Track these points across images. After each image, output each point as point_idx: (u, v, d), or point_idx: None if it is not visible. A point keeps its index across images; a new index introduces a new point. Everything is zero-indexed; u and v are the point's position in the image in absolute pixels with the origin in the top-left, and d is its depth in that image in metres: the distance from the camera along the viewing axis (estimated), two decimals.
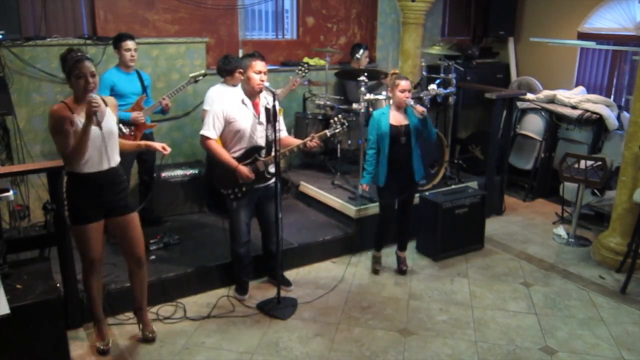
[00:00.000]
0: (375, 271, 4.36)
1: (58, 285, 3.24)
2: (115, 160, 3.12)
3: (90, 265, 3.19)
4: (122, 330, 3.53)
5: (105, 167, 3.06)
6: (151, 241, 4.17)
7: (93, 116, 2.85)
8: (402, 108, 4.05)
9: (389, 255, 4.64)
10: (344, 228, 4.73)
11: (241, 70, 3.61)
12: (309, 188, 5.31)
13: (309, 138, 3.65)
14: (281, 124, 3.78)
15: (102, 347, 3.27)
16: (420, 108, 3.93)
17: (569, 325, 3.67)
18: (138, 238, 3.28)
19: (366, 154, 4.09)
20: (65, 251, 3.33)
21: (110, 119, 3.07)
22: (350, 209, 4.68)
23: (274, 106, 3.48)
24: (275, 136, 3.50)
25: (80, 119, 2.90)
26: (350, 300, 3.96)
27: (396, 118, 4.04)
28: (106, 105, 3.08)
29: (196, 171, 5.04)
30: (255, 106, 3.64)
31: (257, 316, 3.72)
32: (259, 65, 3.54)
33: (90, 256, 3.15)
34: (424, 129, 4.07)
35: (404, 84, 3.97)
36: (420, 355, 3.34)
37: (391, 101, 4.11)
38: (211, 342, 3.43)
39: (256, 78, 3.54)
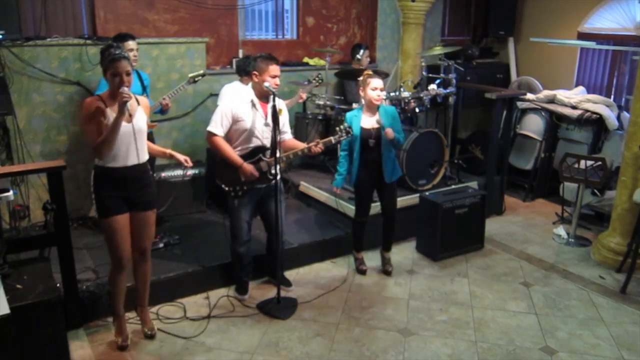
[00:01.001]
0: (362, 272, 4.34)
1: (58, 285, 3.23)
2: (143, 157, 3.18)
3: (118, 264, 3.24)
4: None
5: (131, 162, 3.12)
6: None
7: (124, 107, 2.93)
8: (374, 108, 4.00)
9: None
10: (344, 228, 4.73)
11: (256, 72, 3.60)
12: (309, 188, 5.32)
13: (313, 143, 3.66)
14: (286, 127, 3.80)
15: (121, 343, 3.33)
16: (390, 134, 3.88)
17: (569, 325, 3.67)
18: (149, 234, 3.36)
19: (338, 155, 4.01)
20: (65, 251, 3.33)
21: (140, 117, 3.15)
22: (350, 209, 4.67)
23: (274, 106, 3.48)
24: (275, 137, 3.50)
25: (112, 113, 2.99)
26: (350, 300, 3.97)
27: (368, 121, 3.99)
28: (138, 103, 3.16)
29: (196, 171, 5.03)
30: (264, 107, 3.66)
31: (257, 316, 3.72)
32: (276, 70, 3.58)
33: (119, 255, 3.21)
34: (392, 138, 3.96)
35: (375, 82, 3.92)
36: (420, 355, 3.34)
37: (363, 102, 4.04)
38: (211, 342, 3.43)
39: (271, 82, 3.57)
